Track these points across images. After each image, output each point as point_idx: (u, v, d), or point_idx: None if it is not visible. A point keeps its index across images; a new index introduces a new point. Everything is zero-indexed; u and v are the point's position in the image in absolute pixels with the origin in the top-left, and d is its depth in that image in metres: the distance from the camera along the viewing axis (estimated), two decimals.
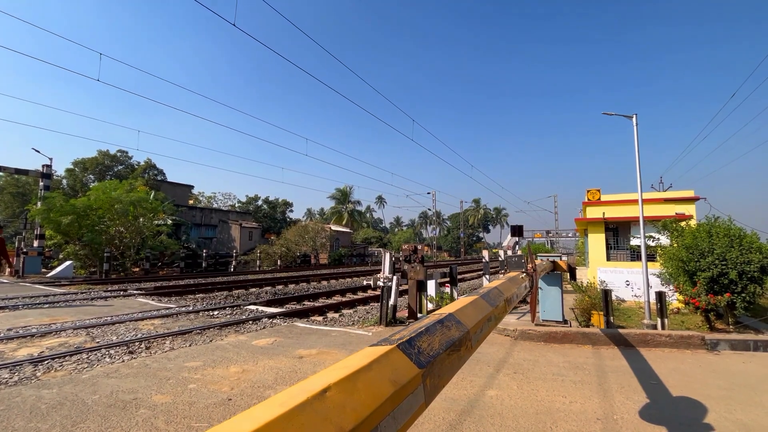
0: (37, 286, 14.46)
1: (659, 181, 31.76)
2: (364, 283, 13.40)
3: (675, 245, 8.65)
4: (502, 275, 2.79)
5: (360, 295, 13.70)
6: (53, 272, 18.28)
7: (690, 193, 13.92)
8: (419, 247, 7.70)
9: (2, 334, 6.51)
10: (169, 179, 42.84)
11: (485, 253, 11.31)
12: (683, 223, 9.35)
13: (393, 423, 0.61)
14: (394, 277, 7.61)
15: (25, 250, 18.90)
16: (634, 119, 9.18)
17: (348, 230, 53.58)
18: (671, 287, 9.11)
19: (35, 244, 21.20)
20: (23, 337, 6.37)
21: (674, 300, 9.88)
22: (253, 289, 15.26)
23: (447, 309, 1.16)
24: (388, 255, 7.64)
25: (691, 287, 7.55)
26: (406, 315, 8.06)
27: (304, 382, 0.58)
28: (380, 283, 7.48)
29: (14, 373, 4.64)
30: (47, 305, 9.83)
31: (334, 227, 48.18)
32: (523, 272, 2.84)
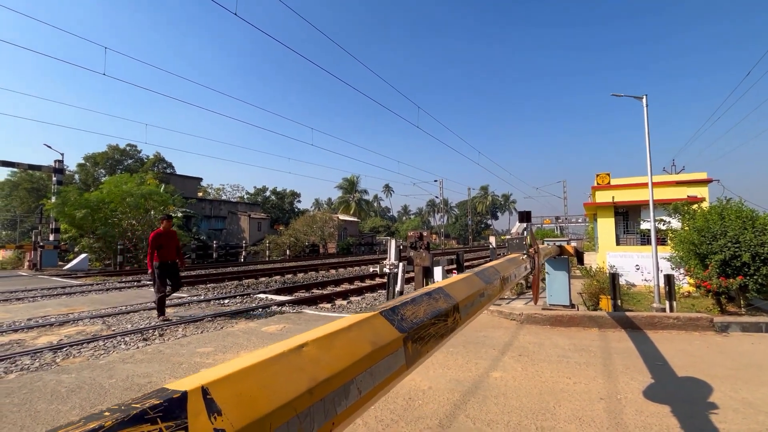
0: (54, 278, 14.89)
1: (671, 164, 31.12)
2: (371, 270, 13.51)
3: (686, 228, 8.53)
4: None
5: (368, 282, 13.83)
6: (69, 265, 18.78)
7: (702, 175, 13.64)
8: (425, 233, 7.73)
9: (23, 324, 6.76)
10: (177, 172, 43.31)
11: (492, 239, 11.30)
12: (695, 206, 9.20)
13: (370, 378, 0.65)
14: (401, 264, 7.66)
15: (41, 243, 19.41)
16: (644, 100, 8.97)
17: (355, 219, 53.75)
18: (682, 271, 9.02)
19: (51, 237, 21.74)
20: (43, 326, 6.61)
21: (685, 284, 9.79)
22: (263, 279, 15.49)
23: (438, 284, 1.19)
24: (393, 242, 7.68)
25: (703, 270, 7.47)
26: None
27: (285, 341, 0.61)
28: (386, 270, 7.54)
29: (35, 359, 4.83)
30: (65, 296, 10.15)
31: (341, 217, 48.37)
32: (524, 254, 2.85)
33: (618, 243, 13.89)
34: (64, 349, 5.25)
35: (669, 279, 6.90)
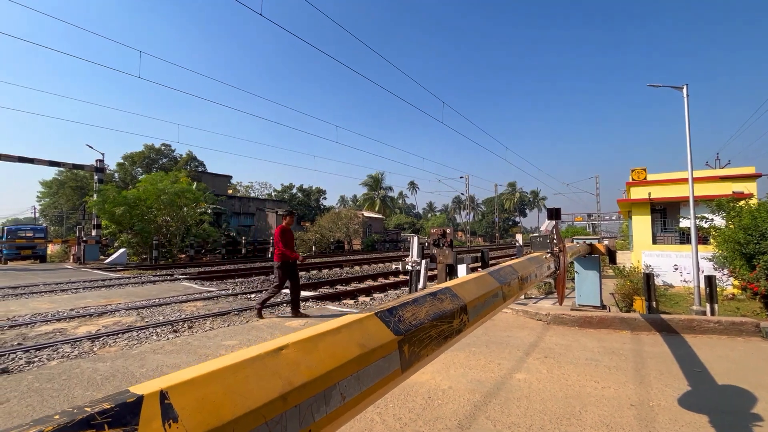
0: (95, 271, 15.80)
1: (715, 158, 29.23)
2: (393, 267, 13.48)
3: (731, 226, 7.99)
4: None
5: (391, 279, 13.83)
6: (109, 259, 19.87)
7: (750, 170, 12.73)
8: (448, 230, 7.59)
9: (65, 314, 7.19)
10: (209, 170, 44.83)
11: (519, 237, 10.98)
12: (741, 203, 8.59)
13: (357, 384, 0.61)
14: (423, 262, 7.58)
15: (84, 239, 20.63)
16: (684, 90, 8.45)
17: (380, 216, 53.88)
18: (725, 271, 8.46)
19: (93, 233, 23.06)
20: (83, 317, 7.01)
21: (729, 286, 9.18)
22: None
23: (446, 284, 1.14)
24: (416, 239, 7.61)
25: (749, 271, 6.98)
26: None
27: (266, 342, 0.59)
28: (408, 267, 7.48)
29: (74, 347, 5.13)
30: (104, 288, 10.73)
31: (366, 214, 48.59)
32: (547, 252, 2.73)
33: (654, 242, 13.21)
34: (101, 339, 5.54)
35: (710, 280, 6.47)
